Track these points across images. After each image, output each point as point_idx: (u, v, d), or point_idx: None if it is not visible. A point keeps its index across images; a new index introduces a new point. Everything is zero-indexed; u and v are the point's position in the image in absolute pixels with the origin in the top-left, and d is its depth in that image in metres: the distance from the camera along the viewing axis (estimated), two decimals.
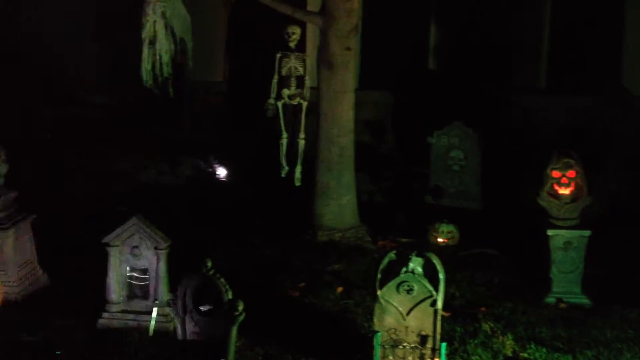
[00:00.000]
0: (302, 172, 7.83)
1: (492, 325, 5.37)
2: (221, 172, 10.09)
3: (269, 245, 7.04)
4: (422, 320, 4.60)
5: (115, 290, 5.32)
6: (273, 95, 7.79)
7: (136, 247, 5.31)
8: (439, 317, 4.59)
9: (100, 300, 5.35)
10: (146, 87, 7.01)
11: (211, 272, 4.47)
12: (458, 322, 5.40)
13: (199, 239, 6.72)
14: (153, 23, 6.89)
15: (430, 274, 4.63)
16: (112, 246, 5.29)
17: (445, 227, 7.34)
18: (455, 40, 10.27)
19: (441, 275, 4.63)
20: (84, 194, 8.37)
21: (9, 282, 5.67)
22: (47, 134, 10.42)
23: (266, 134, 9.46)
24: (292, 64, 7.52)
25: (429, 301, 4.56)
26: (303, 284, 6.20)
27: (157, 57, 6.97)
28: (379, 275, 4.69)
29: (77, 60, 10.42)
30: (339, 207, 7.32)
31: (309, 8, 9.50)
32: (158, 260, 5.28)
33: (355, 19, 6.96)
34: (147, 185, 9.34)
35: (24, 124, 10.18)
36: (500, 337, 5.19)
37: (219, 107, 11.51)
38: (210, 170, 10.09)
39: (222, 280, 4.47)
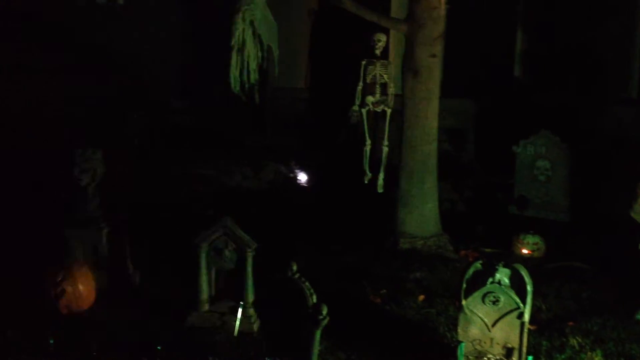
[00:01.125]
0: (385, 179, 7.83)
1: (580, 340, 5.22)
2: (302, 177, 10.24)
3: (349, 252, 7.08)
4: (507, 333, 4.53)
5: (204, 290, 5.47)
6: (357, 102, 7.84)
7: (224, 248, 5.45)
8: (525, 330, 4.50)
9: (189, 300, 5.52)
10: (233, 93, 7.16)
11: (296, 276, 4.54)
12: (544, 336, 5.27)
13: (280, 243, 6.81)
14: (242, 31, 7.03)
15: (517, 285, 4.56)
16: (201, 247, 5.44)
17: (530, 239, 7.19)
18: (543, 47, 10.04)
19: (529, 287, 4.54)
20: (172, 196, 8.66)
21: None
22: (134, 139, 10.82)
23: (348, 140, 9.53)
24: (377, 71, 7.55)
25: (515, 313, 4.48)
26: (384, 290, 6.20)
27: (245, 63, 7.11)
28: (464, 285, 4.64)
29: (165, 66, 10.77)
30: (421, 214, 7.29)
31: (392, 15, 9.55)
32: (245, 262, 5.40)
33: (442, 25, 6.93)
34: (232, 189, 9.59)
35: (115, 130, 10.61)
36: (589, 353, 5.04)
37: (301, 113, 11.70)
38: (292, 175, 10.25)
39: (307, 283, 4.54)
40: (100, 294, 5.80)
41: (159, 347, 4.91)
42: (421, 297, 6.08)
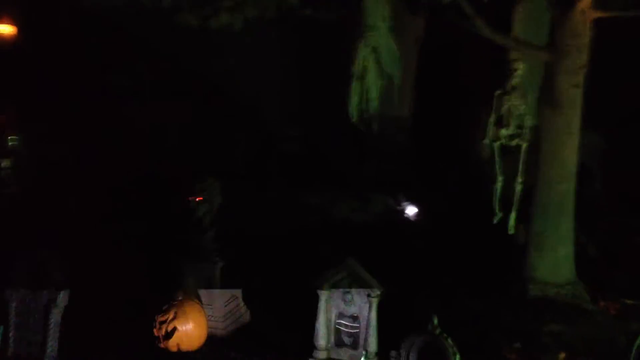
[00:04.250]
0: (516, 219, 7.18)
1: None
2: (411, 211, 9.70)
3: (475, 298, 6.47)
4: None
5: (323, 335, 5.03)
6: (489, 135, 7.24)
7: (347, 292, 5.00)
8: None
9: (302, 343, 5.09)
10: (344, 122, 6.78)
11: (437, 332, 4.04)
12: None
13: (400, 284, 6.30)
14: (364, 57, 6.66)
15: None
16: (322, 290, 5.01)
17: None
18: None
19: None
20: (281, 227, 8.31)
21: (215, 317, 5.59)
22: (243, 165, 10.62)
23: (466, 174, 8.95)
24: (512, 102, 6.94)
25: None
26: (518, 344, 5.57)
27: (365, 92, 6.73)
28: (634, 351, 4.01)
29: (278, 93, 10.57)
30: (555, 259, 6.60)
31: None
32: (370, 307, 4.93)
33: (586, 54, 6.31)
34: (340, 221, 9.16)
35: (224, 155, 10.45)
36: None
37: (406, 143, 11.19)
38: (401, 208, 9.73)
39: (449, 340, 4.03)
40: (212, 332, 5.47)
41: None
42: (562, 355, 5.42)
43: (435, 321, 4.03)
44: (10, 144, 8.50)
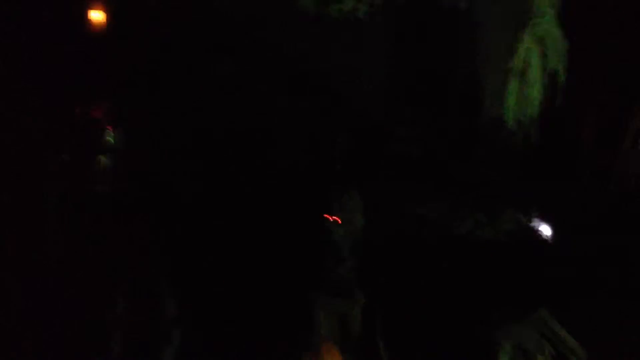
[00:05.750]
0: None
1: None
2: (546, 230, 8.46)
3: None
4: None
5: None
6: None
7: (535, 352, 3.89)
8: None
9: None
10: (506, 129, 5.66)
11: None
12: None
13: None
14: (526, 50, 5.53)
15: None
16: (502, 346, 3.92)
17: None
18: None
19: None
20: (400, 243, 7.25)
21: None
22: (337, 166, 9.68)
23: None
24: None
25: None
26: None
27: (525, 92, 5.59)
28: None
29: (392, 90, 9.51)
30: None
31: None
32: None
33: None
34: (463, 239, 8.03)
35: (317, 155, 9.51)
36: None
37: (520, 147, 9.95)
38: (534, 226, 8.51)
39: None
40: None
41: None
42: None
43: None
44: (108, 139, 7.75)
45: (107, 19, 8.30)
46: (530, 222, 8.57)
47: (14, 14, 7.46)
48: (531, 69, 5.46)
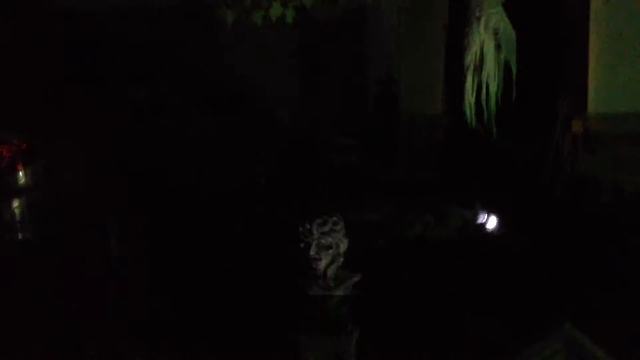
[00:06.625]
0: None
1: None
2: (492, 223, 8.36)
3: None
4: None
5: None
6: None
7: None
8: None
9: None
10: (465, 126, 5.42)
11: None
12: None
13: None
14: (481, 43, 5.29)
15: None
16: None
17: None
18: None
19: None
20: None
21: None
22: (262, 180, 9.33)
23: None
24: None
25: None
26: None
27: (483, 86, 5.37)
28: None
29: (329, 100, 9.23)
30: None
31: None
32: None
33: None
34: (416, 243, 7.80)
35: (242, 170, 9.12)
36: None
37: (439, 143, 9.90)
38: (480, 221, 8.38)
39: None
40: None
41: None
42: None
43: None
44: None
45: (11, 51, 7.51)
46: (476, 218, 8.46)
47: None
48: (487, 63, 5.22)
